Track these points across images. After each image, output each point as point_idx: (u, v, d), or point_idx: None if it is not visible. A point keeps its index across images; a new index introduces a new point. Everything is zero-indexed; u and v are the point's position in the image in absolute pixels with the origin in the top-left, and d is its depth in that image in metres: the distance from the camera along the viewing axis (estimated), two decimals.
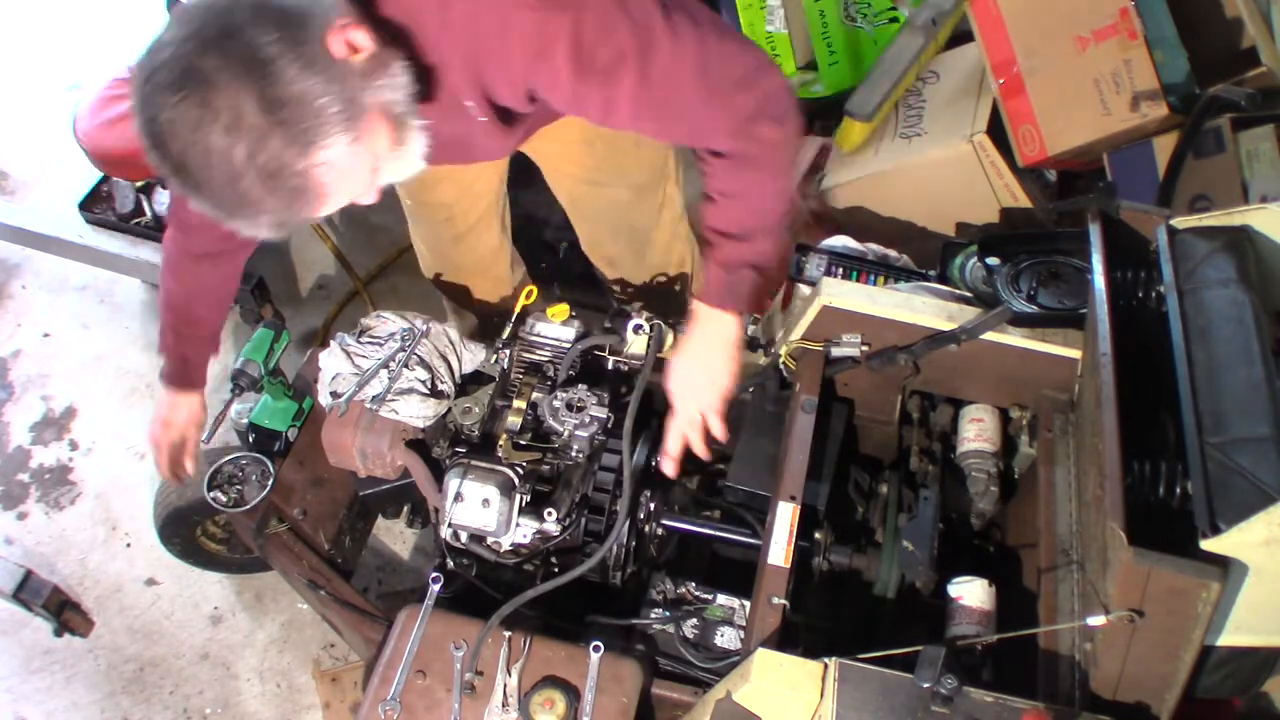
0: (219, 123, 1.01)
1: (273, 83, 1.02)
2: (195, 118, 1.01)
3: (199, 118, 1.01)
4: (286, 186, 1.05)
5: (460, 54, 1.29)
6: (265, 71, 1.02)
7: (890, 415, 2.17)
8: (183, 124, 1.02)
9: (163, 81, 1.03)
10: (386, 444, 1.95)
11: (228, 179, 1.03)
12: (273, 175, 1.04)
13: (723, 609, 1.88)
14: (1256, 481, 1.33)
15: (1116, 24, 2.51)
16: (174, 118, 1.01)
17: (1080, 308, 1.86)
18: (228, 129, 1.01)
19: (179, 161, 1.03)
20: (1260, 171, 2.36)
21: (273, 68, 1.02)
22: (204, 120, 1.01)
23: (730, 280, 1.64)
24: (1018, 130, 2.75)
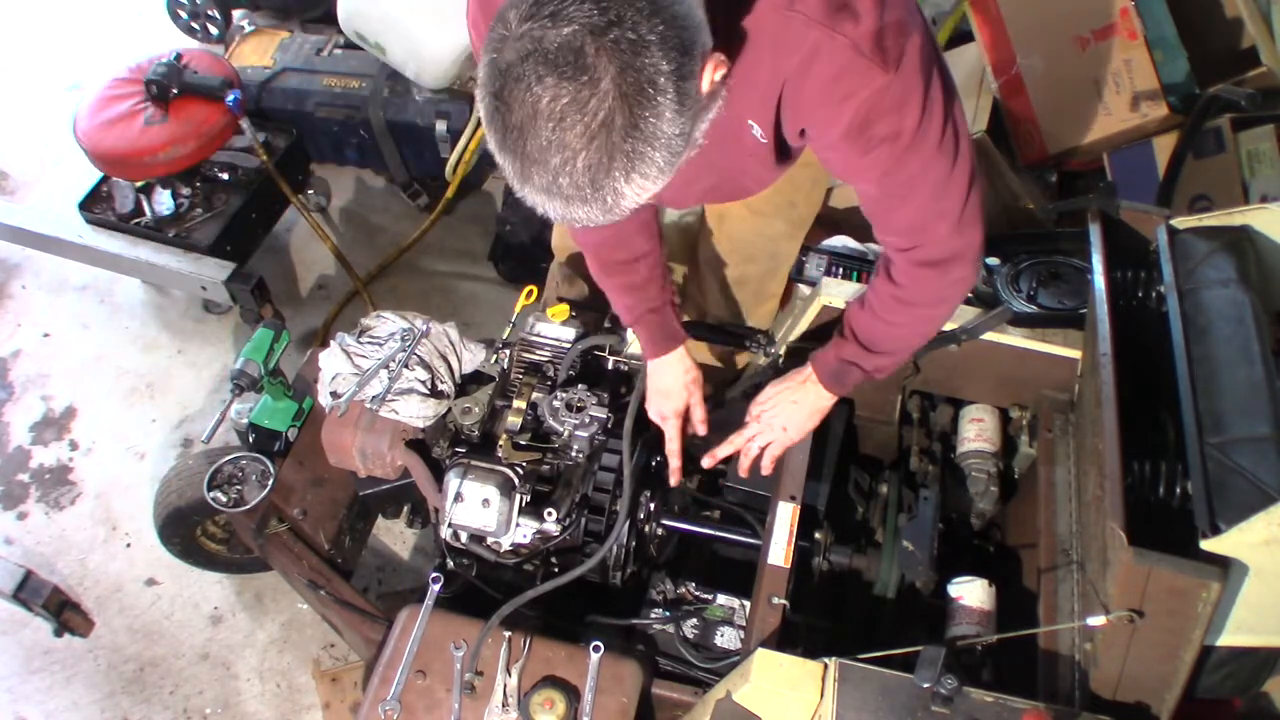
0: (580, 124, 0.95)
1: (649, 114, 0.97)
2: (560, 108, 0.95)
3: (564, 110, 0.95)
4: (598, 197, 1.01)
5: (772, 75, 1.25)
6: (650, 103, 0.96)
7: (890, 415, 2.17)
8: (545, 104, 0.95)
9: (547, 49, 0.94)
10: (386, 444, 1.95)
11: (555, 170, 0.99)
12: (595, 185, 1.00)
13: (723, 609, 1.88)
14: (1256, 481, 1.33)
15: (1116, 24, 2.51)
16: (540, 94, 0.94)
17: (1080, 308, 1.86)
18: (585, 135, 0.96)
19: (517, 127, 0.97)
20: (1260, 171, 2.36)
21: (657, 101, 0.97)
22: (568, 114, 0.95)
23: (840, 370, 1.70)
24: (1018, 130, 2.75)
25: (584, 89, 0.94)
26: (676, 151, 1.01)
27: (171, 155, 2.87)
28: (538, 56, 0.94)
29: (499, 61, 0.97)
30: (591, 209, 1.02)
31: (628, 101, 0.95)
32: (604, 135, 0.96)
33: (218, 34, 3.95)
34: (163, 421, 3.00)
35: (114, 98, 2.92)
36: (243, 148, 3.10)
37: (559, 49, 0.93)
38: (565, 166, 0.97)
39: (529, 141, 0.97)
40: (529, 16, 0.94)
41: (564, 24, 0.93)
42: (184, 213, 3.05)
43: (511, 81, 0.96)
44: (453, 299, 3.28)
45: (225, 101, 2.86)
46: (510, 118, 0.97)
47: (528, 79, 0.95)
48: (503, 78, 0.96)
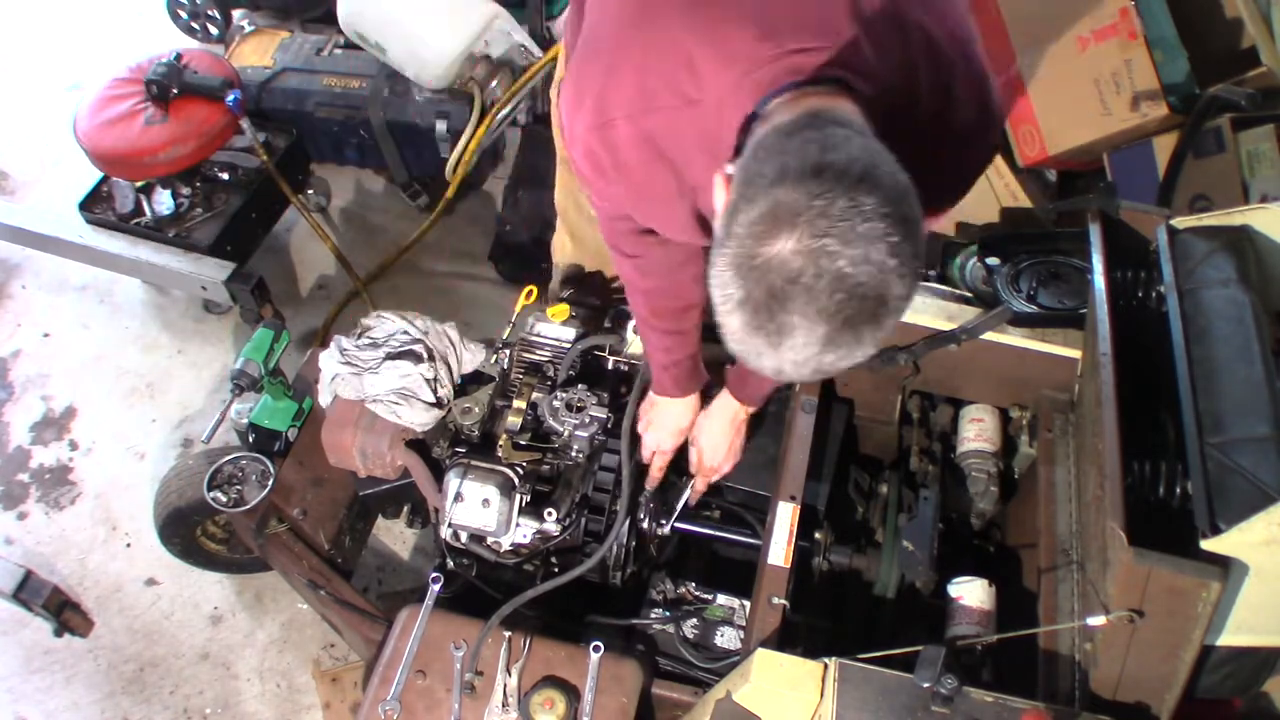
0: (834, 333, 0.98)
1: (896, 318, 1.00)
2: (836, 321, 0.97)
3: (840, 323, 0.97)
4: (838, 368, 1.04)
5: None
6: (897, 311, 0.99)
7: (890, 415, 2.17)
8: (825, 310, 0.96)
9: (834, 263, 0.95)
10: (386, 444, 1.95)
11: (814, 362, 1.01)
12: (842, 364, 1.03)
13: (723, 609, 1.88)
14: (1256, 481, 1.33)
15: (1116, 24, 2.51)
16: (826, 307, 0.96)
17: (1080, 308, 1.86)
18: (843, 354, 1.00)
19: (781, 330, 0.98)
20: (1260, 171, 2.36)
21: (901, 310, 1.00)
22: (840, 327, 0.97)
23: (763, 388, 1.81)
24: (1018, 130, 2.75)
25: (865, 303, 0.97)
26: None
27: (171, 155, 2.87)
28: (830, 275, 0.95)
29: (774, 262, 0.96)
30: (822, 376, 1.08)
31: (898, 305, 0.99)
32: (871, 330, 0.99)
33: (218, 34, 3.94)
34: (163, 421, 3.00)
35: (114, 98, 2.92)
36: (243, 148, 3.09)
37: (851, 270, 0.95)
38: (822, 356, 1.00)
39: (798, 336, 0.99)
40: (823, 232, 0.94)
41: (856, 246, 0.94)
42: (184, 213, 3.05)
43: (797, 289, 0.96)
44: (453, 299, 3.28)
45: (225, 101, 2.86)
46: (783, 315, 0.97)
47: (817, 291, 0.96)
48: (783, 280, 0.96)
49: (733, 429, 1.88)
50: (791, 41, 1.12)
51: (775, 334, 0.99)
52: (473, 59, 3.17)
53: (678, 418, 1.87)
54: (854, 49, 1.13)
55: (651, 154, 1.26)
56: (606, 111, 1.25)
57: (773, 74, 1.11)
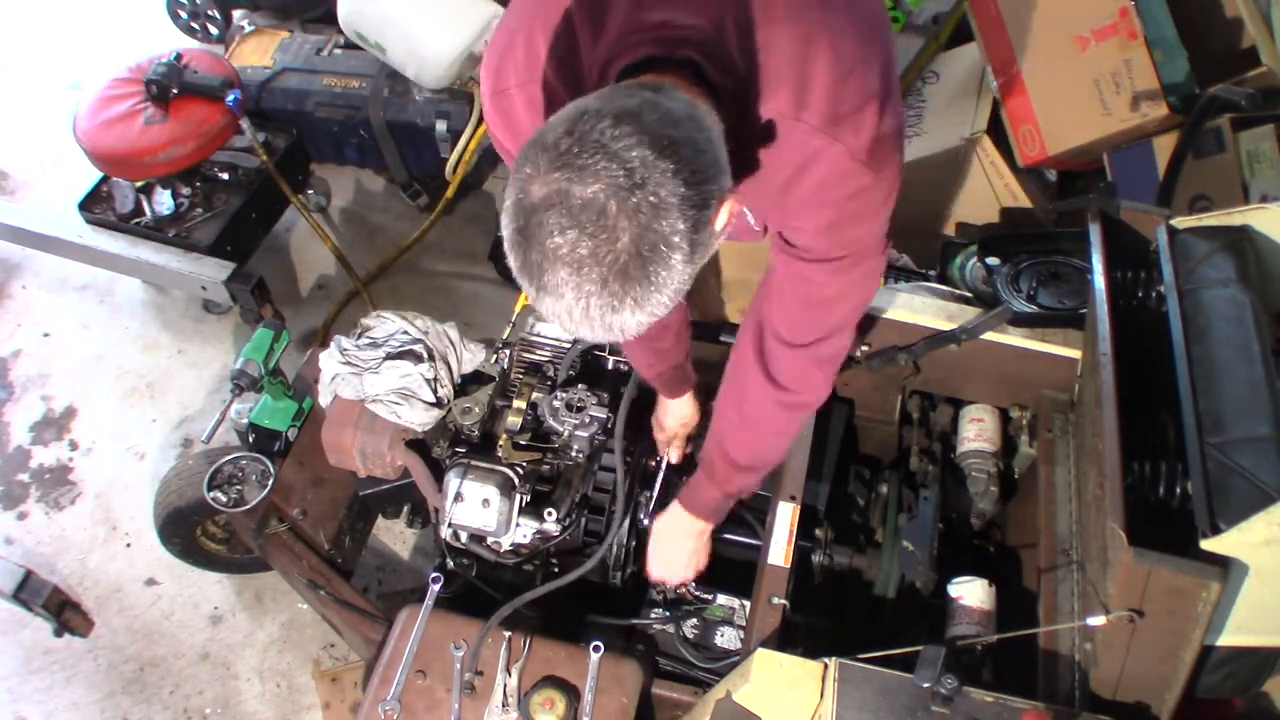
0: (596, 273, 0.99)
1: (661, 268, 1.00)
2: (578, 257, 0.98)
3: (581, 260, 0.98)
4: (606, 328, 1.04)
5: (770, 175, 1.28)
6: (664, 259, 0.99)
7: (890, 415, 2.17)
8: (564, 251, 0.98)
9: (572, 203, 0.97)
10: (386, 444, 1.95)
11: (568, 304, 1.01)
12: (605, 322, 1.03)
13: (723, 609, 1.88)
14: (1256, 481, 1.33)
15: (1116, 24, 2.51)
16: (560, 242, 0.98)
17: (1080, 308, 1.86)
18: (599, 281, 1.00)
19: (536, 263, 1.00)
20: (1260, 171, 2.35)
21: (670, 257, 1.00)
22: (585, 264, 0.98)
23: (720, 504, 1.73)
24: (1018, 130, 2.75)
25: (602, 245, 0.97)
26: (683, 289, 1.05)
27: (171, 155, 2.87)
28: (562, 208, 0.97)
29: (524, 201, 0.99)
30: (599, 335, 1.06)
31: (643, 257, 0.98)
32: (617, 283, 0.99)
33: (218, 34, 3.95)
34: (163, 421, 3.00)
35: (114, 98, 2.92)
36: (243, 148, 3.10)
37: (583, 205, 0.96)
38: (578, 303, 1.01)
39: (546, 276, 1.00)
40: (559, 166, 0.97)
41: (591, 180, 0.96)
42: (184, 213, 3.05)
43: (535, 225, 0.99)
44: (453, 299, 3.28)
45: (225, 101, 2.86)
46: (530, 254, 1.00)
47: (550, 226, 0.98)
48: (526, 217, 1.00)
49: (689, 541, 1.77)
50: (657, 18, 1.14)
51: (532, 273, 1.01)
52: (473, 59, 3.16)
53: (680, 413, 1.92)
54: (718, 34, 1.14)
55: (541, 120, 1.25)
56: (503, 80, 1.29)
57: (633, 49, 1.13)
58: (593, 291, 0.99)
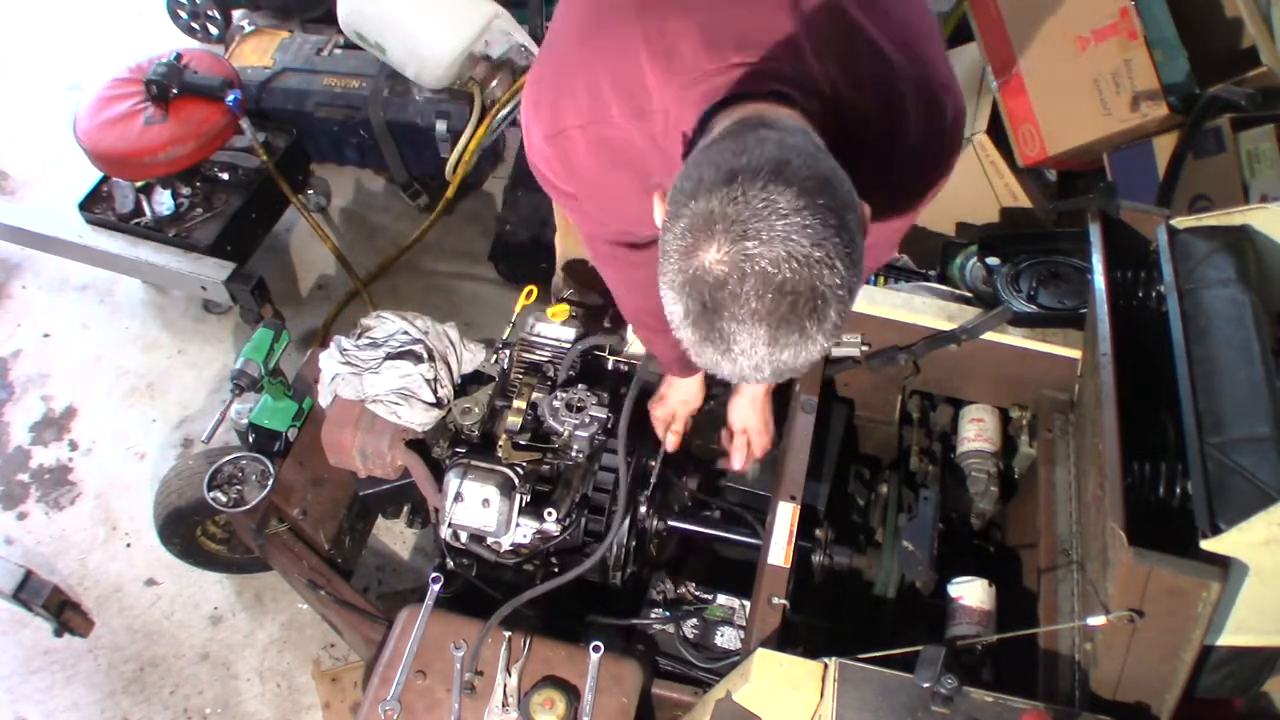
0: (782, 331, 0.99)
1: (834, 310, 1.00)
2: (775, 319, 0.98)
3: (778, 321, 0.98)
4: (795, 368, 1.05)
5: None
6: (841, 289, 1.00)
7: (890, 415, 2.17)
8: (758, 314, 0.98)
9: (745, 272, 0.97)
10: (386, 444, 1.95)
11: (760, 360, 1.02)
12: (796, 366, 1.04)
13: (723, 609, 1.88)
14: (1256, 481, 1.33)
15: (1116, 24, 2.51)
16: (756, 309, 0.98)
17: (1080, 308, 1.86)
18: (789, 345, 1.00)
19: (729, 333, 1.00)
20: (1260, 171, 2.36)
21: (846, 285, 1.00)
22: (782, 326, 0.98)
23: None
24: (1018, 130, 2.75)
25: (800, 300, 0.97)
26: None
27: (171, 155, 2.87)
28: (755, 276, 0.96)
29: (703, 274, 0.98)
30: (786, 376, 1.07)
31: (832, 299, 0.99)
32: (814, 328, 1.00)
33: (218, 34, 3.95)
34: (163, 421, 3.00)
35: (114, 98, 2.92)
36: (243, 148, 3.10)
37: (774, 268, 0.96)
38: (774, 356, 1.01)
39: (741, 341, 1.00)
40: (738, 236, 0.96)
41: (775, 245, 0.95)
42: (184, 213, 3.05)
43: (726, 296, 0.98)
44: (453, 299, 3.28)
45: (225, 101, 2.86)
46: (720, 323, 0.99)
47: (746, 294, 0.97)
48: (712, 291, 0.98)
49: (763, 402, 1.93)
50: (734, 55, 1.14)
51: (721, 343, 1.00)
52: (473, 59, 3.17)
53: (686, 392, 1.94)
54: (797, 62, 1.15)
55: (607, 160, 1.28)
56: (560, 121, 1.27)
57: (714, 86, 1.13)
58: (790, 341, 1.00)
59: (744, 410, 1.94)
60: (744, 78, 1.12)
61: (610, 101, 1.22)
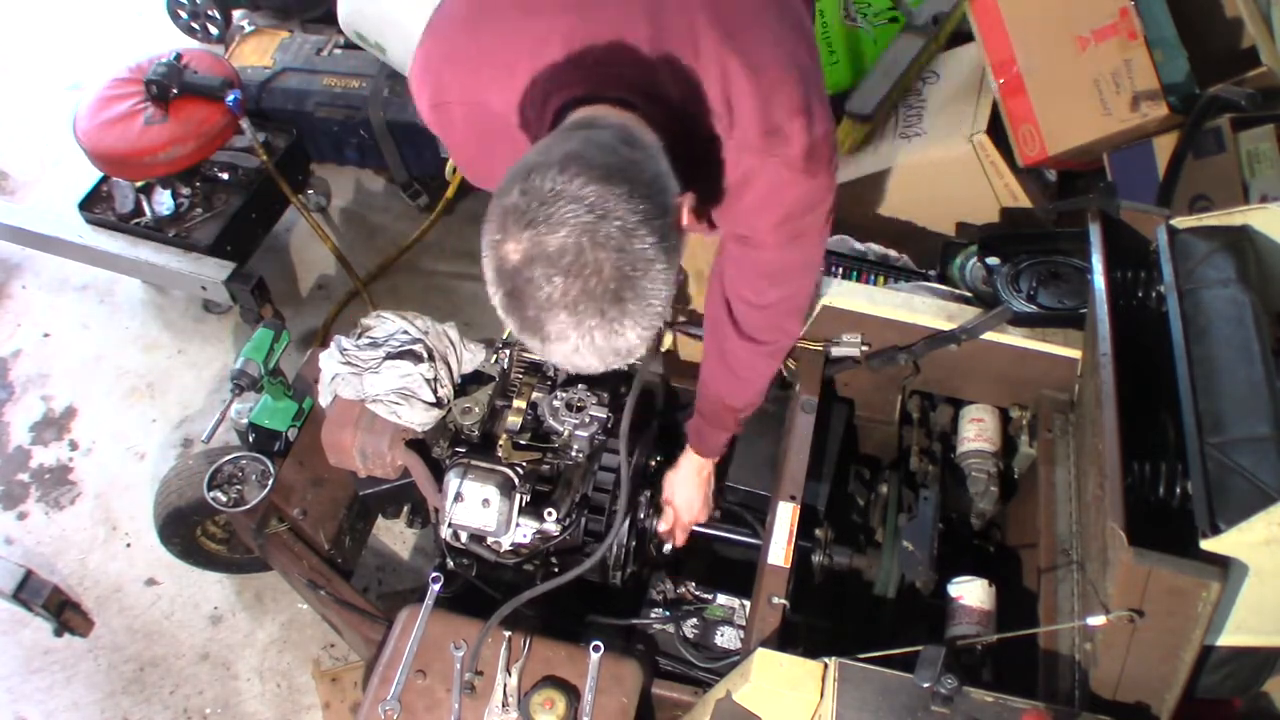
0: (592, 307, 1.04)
1: (646, 281, 1.06)
2: (571, 299, 1.04)
3: (575, 299, 1.04)
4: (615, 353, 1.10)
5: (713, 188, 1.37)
6: (647, 271, 1.05)
7: (890, 415, 2.17)
8: (557, 297, 1.04)
9: (549, 253, 1.03)
10: (386, 444, 1.94)
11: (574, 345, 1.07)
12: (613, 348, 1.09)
13: (723, 609, 1.88)
14: (1256, 481, 1.33)
15: (1116, 24, 2.51)
16: (550, 291, 1.04)
17: (1080, 308, 1.86)
18: (596, 313, 1.05)
19: (534, 318, 1.06)
20: (1260, 171, 2.36)
21: (652, 268, 1.06)
22: (579, 302, 1.04)
23: (720, 442, 1.85)
24: (1018, 130, 2.75)
25: (590, 280, 1.03)
26: (671, 288, 1.11)
27: (171, 155, 2.87)
28: (542, 261, 1.03)
29: (504, 266, 1.05)
30: (610, 363, 1.12)
31: (629, 279, 1.05)
32: (614, 309, 1.05)
33: (218, 34, 3.95)
34: (163, 421, 3.00)
35: (114, 98, 2.92)
36: (243, 148, 3.10)
37: (560, 251, 1.02)
38: (584, 339, 1.07)
39: (548, 326, 1.06)
40: (526, 224, 1.03)
41: (559, 227, 1.02)
42: (184, 213, 3.05)
43: (523, 283, 1.05)
44: (453, 299, 3.28)
45: (225, 101, 2.86)
46: (526, 311, 1.06)
47: (537, 280, 1.03)
48: (511, 279, 1.06)
49: (702, 481, 1.90)
50: (590, 59, 1.24)
51: (536, 331, 1.07)
52: None
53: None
54: (645, 71, 1.24)
55: (483, 130, 1.39)
56: (443, 93, 1.37)
57: (568, 93, 1.23)
58: (594, 324, 1.05)
59: (677, 482, 1.91)
60: (595, 80, 1.22)
61: (486, 85, 1.32)
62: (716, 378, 1.72)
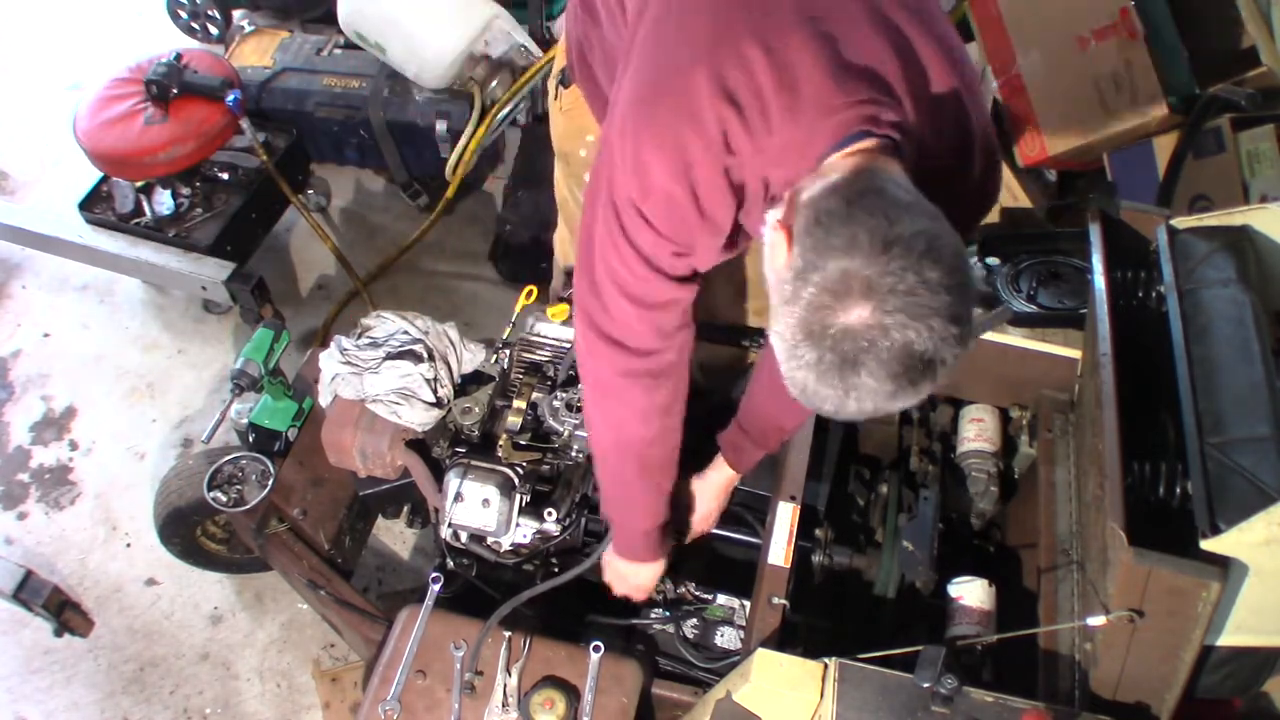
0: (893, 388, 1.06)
1: (946, 369, 1.07)
2: (891, 392, 1.06)
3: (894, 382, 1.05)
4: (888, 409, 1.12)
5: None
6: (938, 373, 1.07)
7: (890, 415, 2.17)
8: (883, 390, 1.06)
9: (877, 339, 1.03)
10: (386, 444, 1.95)
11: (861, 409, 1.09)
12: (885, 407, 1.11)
13: (723, 609, 1.88)
14: (1256, 481, 1.33)
15: (1116, 24, 2.51)
16: (876, 385, 1.05)
17: (1080, 308, 1.86)
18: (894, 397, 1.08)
19: (852, 388, 1.06)
20: (1260, 171, 2.36)
21: (947, 369, 1.07)
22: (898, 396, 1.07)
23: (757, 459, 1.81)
24: (1018, 130, 2.75)
25: (916, 372, 1.05)
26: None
27: (171, 155, 2.87)
28: (885, 347, 1.03)
29: (835, 321, 1.04)
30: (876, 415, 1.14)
31: (942, 368, 1.07)
32: (928, 383, 1.08)
33: (218, 34, 3.95)
34: (163, 421, 3.00)
35: (114, 98, 2.92)
36: (243, 148, 3.09)
37: (904, 347, 1.03)
38: (879, 406, 1.09)
39: (857, 392, 1.07)
40: (888, 309, 1.02)
41: (913, 329, 1.02)
42: (184, 213, 3.05)
43: (856, 352, 1.04)
44: (453, 299, 3.28)
45: (225, 101, 2.86)
46: (843, 374, 1.06)
47: (871, 365, 1.04)
48: (841, 341, 1.04)
49: (724, 495, 1.88)
50: (862, 92, 1.16)
51: (844, 390, 1.07)
52: (473, 59, 3.16)
53: (652, 577, 1.79)
54: (904, 109, 1.19)
55: (726, 191, 1.26)
56: (686, 154, 1.21)
57: (844, 121, 1.16)
58: (906, 396, 1.08)
59: (701, 492, 1.85)
60: (872, 116, 1.16)
61: (738, 134, 1.19)
62: (771, 398, 1.66)
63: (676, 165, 1.22)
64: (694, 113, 1.19)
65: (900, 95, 1.19)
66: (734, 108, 1.18)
